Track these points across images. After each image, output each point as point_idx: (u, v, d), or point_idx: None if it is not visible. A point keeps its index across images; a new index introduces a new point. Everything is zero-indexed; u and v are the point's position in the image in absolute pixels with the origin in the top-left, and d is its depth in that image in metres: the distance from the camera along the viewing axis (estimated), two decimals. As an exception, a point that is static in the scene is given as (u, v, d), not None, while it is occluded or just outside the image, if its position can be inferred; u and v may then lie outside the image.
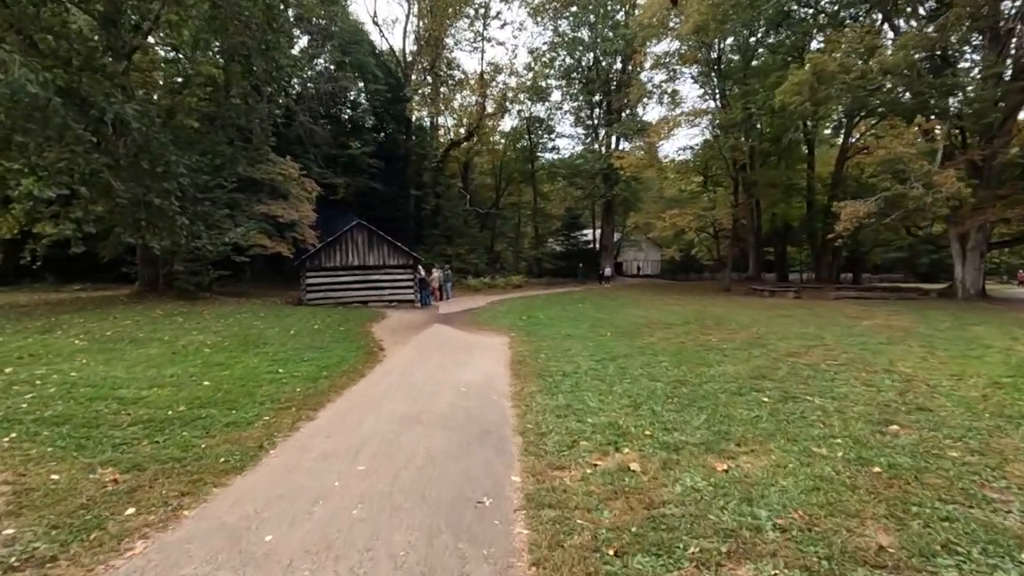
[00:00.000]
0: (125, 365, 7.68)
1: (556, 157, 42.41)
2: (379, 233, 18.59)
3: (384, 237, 18.58)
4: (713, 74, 27.18)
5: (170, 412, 5.35)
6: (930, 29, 16.59)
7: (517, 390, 6.40)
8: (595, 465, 3.81)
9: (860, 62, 15.93)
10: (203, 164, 16.58)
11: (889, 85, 17.83)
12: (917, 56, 15.87)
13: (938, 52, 16.43)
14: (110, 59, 14.44)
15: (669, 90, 34.06)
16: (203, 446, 4.28)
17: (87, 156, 12.51)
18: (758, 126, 23.34)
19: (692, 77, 30.52)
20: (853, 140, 31.19)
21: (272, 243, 20.52)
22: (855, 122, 28.92)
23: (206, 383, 6.69)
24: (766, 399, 5.64)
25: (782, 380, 6.56)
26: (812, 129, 32.29)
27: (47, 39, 12.48)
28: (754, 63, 28.38)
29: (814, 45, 26.50)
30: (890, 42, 18.53)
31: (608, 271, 34.65)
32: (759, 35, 26.64)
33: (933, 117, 17.30)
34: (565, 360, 8.30)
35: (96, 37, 14.09)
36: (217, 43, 14.88)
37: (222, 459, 3.95)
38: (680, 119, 25.03)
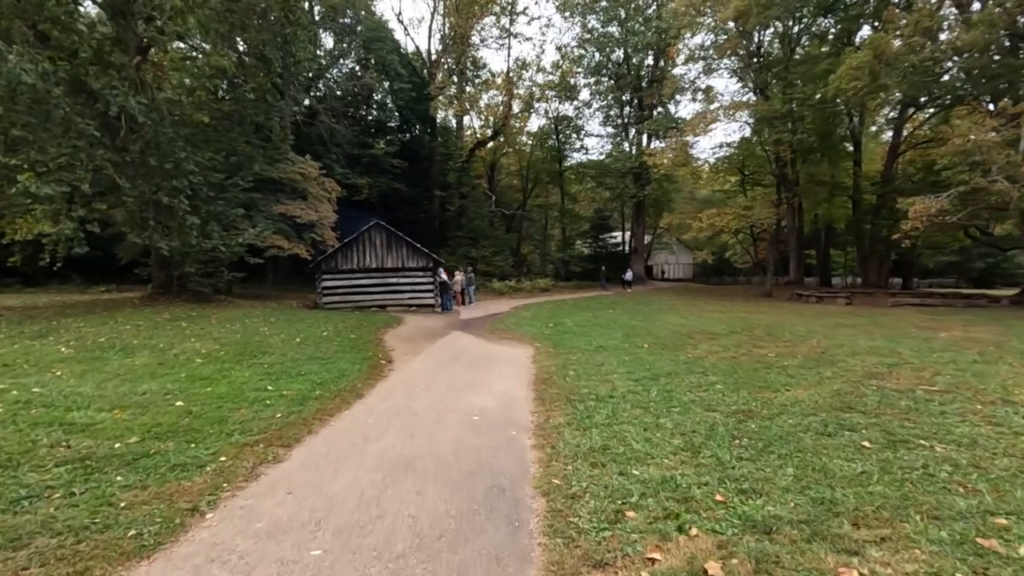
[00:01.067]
0: (100, 379, 6.82)
1: (585, 157, 41.10)
2: (398, 234, 17.68)
3: (403, 238, 17.66)
4: (754, 65, 25.42)
5: (117, 445, 4.37)
6: (1009, 4, 14.72)
7: (541, 420, 5.23)
8: (652, 561, 2.60)
9: (929, 42, 14.20)
10: (217, 162, 15.95)
11: (957, 68, 15.98)
12: (995, 34, 14.04)
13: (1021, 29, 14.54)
14: (120, 52, 13.92)
15: (703, 86, 32.49)
16: (123, 505, 3.24)
17: (91, 152, 11.91)
18: (803, 119, 21.53)
19: (730, 71, 28.85)
20: (906, 134, 28.94)
21: (290, 244, 19.84)
22: (910, 114, 26.71)
23: (179, 403, 5.73)
24: (867, 444, 4.31)
25: (876, 413, 5.20)
26: (859, 124, 30.22)
27: (54, 31, 11.95)
28: (798, 53, 26.50)
29: (864, 32, 24.65)
30: (955, 22, 16.72)
31: (629, 275, 32.51)
32: (804, 22, 24.79)
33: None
34: (598, 379, 7.08)
35: (105, 29, 13.58)
36: (230, 34, 14.13)
37: (132, 532, 2.89)
38: (718, 113, 23.43)
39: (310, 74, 20.62)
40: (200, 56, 17.40)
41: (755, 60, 25.62)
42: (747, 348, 9.50)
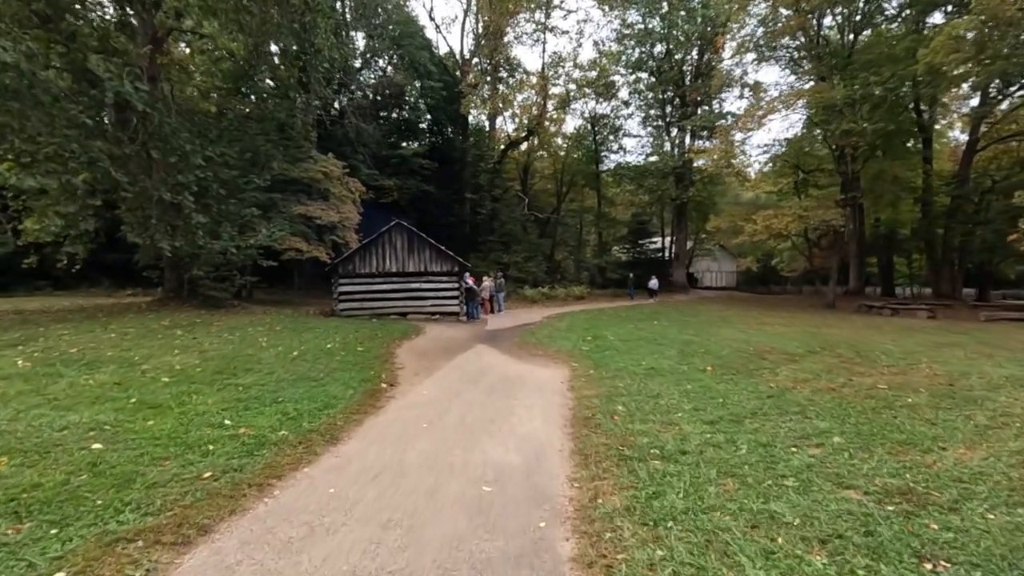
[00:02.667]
0: (27, 404, 5.46)
1: (622, 159, 39.03)
2: (420, 235, 16.21)
3: (426, 240, 16.17)
4: (815, 49, 22.92)
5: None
6: None
7: (584, 498, 3.47)
8: None
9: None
10: (230, 157, 14.87)
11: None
12: None
13: None
14: (127, 39, 12.99)
15: (751, 81, 30.11)
16: None
17: (84, 143, 10.88)
18: (876, 106, 19.00)
19: (785, 60, 26.36)
20: (986, 128, 25.74)
21: (309, 247, 18.71)
22: (994, 101, 23.55)
23: (95, 446, 4.26)
24: None
25: None
26: (930, 116, 27.19)
27: (46, 9, 11.00)
28: (863, 38, 23.85)
29: (935, 19, 21.87)
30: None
31: (655, 283, 29.51)
32: (871, 4, 22.18)
33: None
34: (658, 419, 5.27)
35: (111, 14, 12.66)
36: (236, 14, 13.01)
37: None
38: (776, 104, 21.11)
39: (332, 66, 19.45)
40: (209, 41, 16.39)
41: (816, 43, 23.11)
42: (841, 375, 7.47)
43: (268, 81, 16.81)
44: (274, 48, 17.90)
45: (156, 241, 12.42)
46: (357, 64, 31.63)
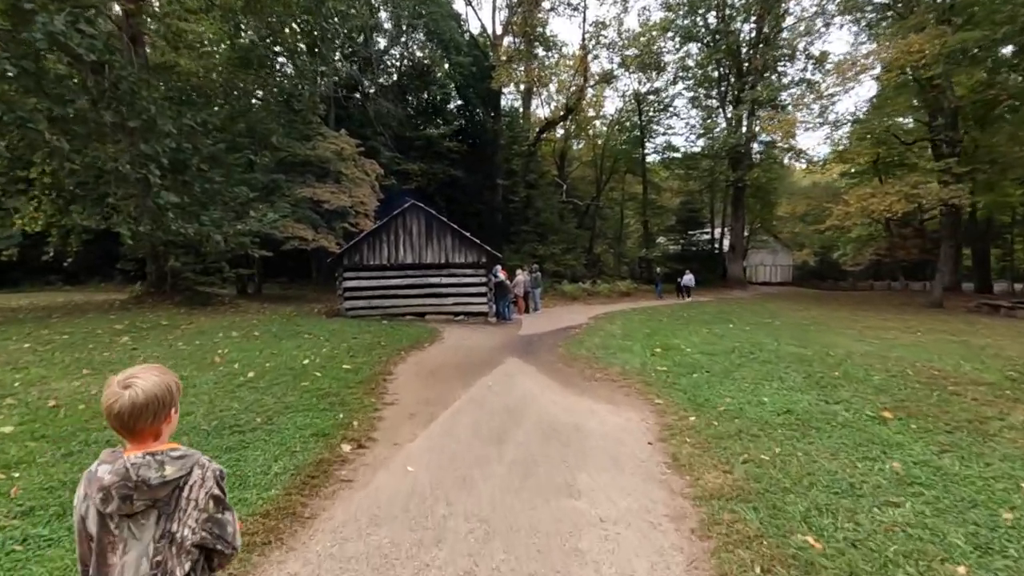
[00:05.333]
0: None
1: (670, 142, 35.41)
2: (440, 219, 13.41)
3: (448, 225, 13.36)
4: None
5: None
6: None
7: None
8: None
9: None
10: (213, 125, 12.41)
11: None
12: None
13: None
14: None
15: (817, 51, 26.01)
16: None
17: (7, 96, 8.53)
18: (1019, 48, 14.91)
19: (867, 14, 22.25)
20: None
21: (316, 235, 16.19)
22: None
23: None
24: None
25: None
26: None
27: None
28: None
29: None
30: None
31: (689, 279, 24.01)
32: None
33: None
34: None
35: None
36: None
37: None
38: (872, 60, 17.22)
39: (346, 29, 16.92)
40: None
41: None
42: None
43: (263, 35, 14.27)
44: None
45: (112, 225, 10.03)
46: (381, 43, 29.18)
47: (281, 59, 17.83)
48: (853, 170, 28.23)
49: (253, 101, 16.46)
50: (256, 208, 13.08)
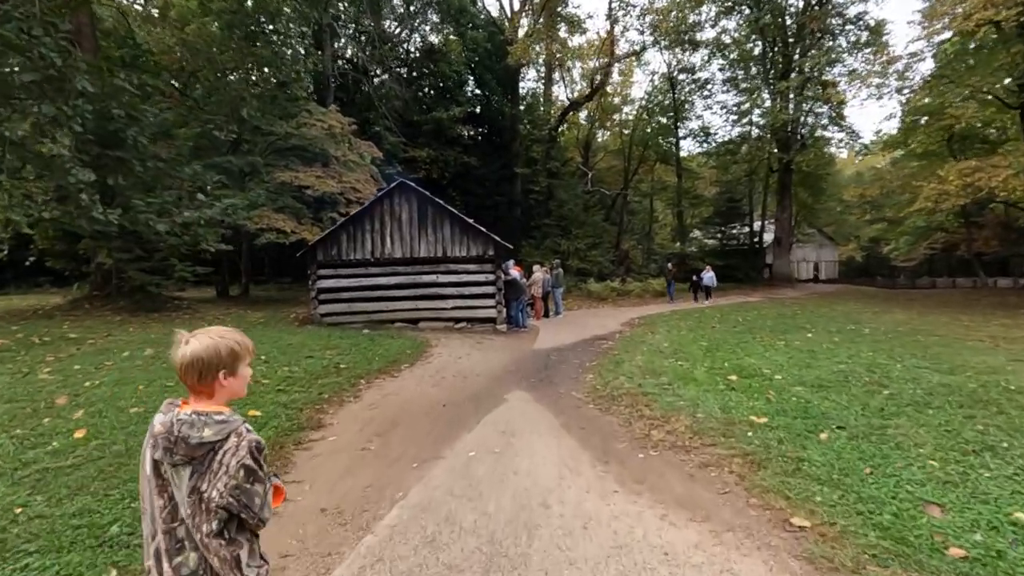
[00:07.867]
0: None
1: (704, 125, 32.06)
2: (437, 202, 10.75)
3: (446, 209, 10.71)
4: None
5: None
6: None
7: None
8: None
9: None
10: (153, 89, 10.04)
11: None
12: None
13: None
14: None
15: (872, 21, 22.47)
16: None
17: None
18: None
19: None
20: None
21: (299, 227, 13.78)
22: None
23: None
24: None
25: None
26: None
27: None
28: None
29: None
30: None
31: (710, 278, 19.61)
32: None
33: None
34: None
35: None
36: None
37: None
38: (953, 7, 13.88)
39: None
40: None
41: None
42: None
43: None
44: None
45: (4, 211, 7.71)
46: (390, 24, 26.79)
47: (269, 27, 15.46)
48: (919, 150, 24.57)
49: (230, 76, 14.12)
50: (212, 194, 10.66)
